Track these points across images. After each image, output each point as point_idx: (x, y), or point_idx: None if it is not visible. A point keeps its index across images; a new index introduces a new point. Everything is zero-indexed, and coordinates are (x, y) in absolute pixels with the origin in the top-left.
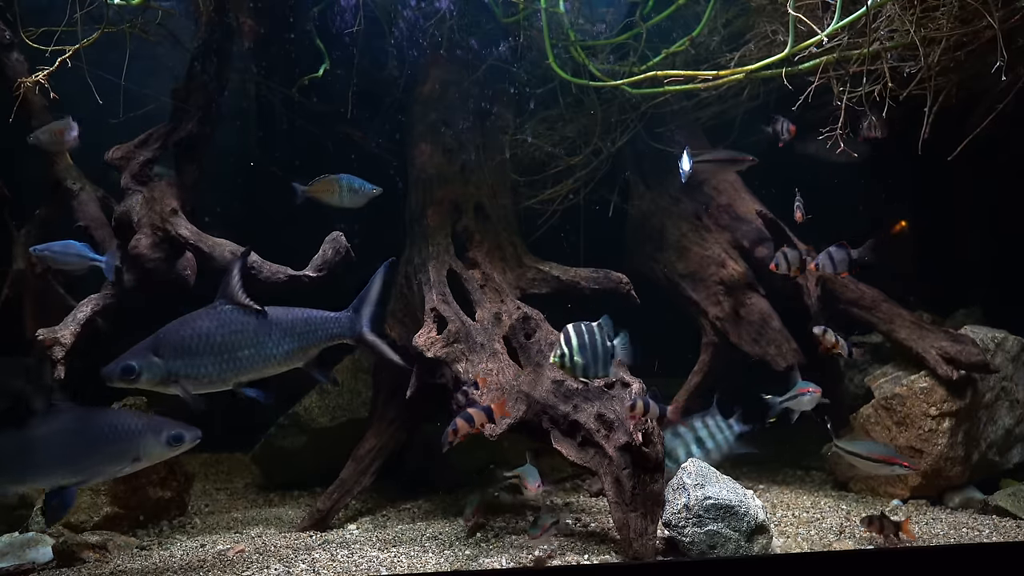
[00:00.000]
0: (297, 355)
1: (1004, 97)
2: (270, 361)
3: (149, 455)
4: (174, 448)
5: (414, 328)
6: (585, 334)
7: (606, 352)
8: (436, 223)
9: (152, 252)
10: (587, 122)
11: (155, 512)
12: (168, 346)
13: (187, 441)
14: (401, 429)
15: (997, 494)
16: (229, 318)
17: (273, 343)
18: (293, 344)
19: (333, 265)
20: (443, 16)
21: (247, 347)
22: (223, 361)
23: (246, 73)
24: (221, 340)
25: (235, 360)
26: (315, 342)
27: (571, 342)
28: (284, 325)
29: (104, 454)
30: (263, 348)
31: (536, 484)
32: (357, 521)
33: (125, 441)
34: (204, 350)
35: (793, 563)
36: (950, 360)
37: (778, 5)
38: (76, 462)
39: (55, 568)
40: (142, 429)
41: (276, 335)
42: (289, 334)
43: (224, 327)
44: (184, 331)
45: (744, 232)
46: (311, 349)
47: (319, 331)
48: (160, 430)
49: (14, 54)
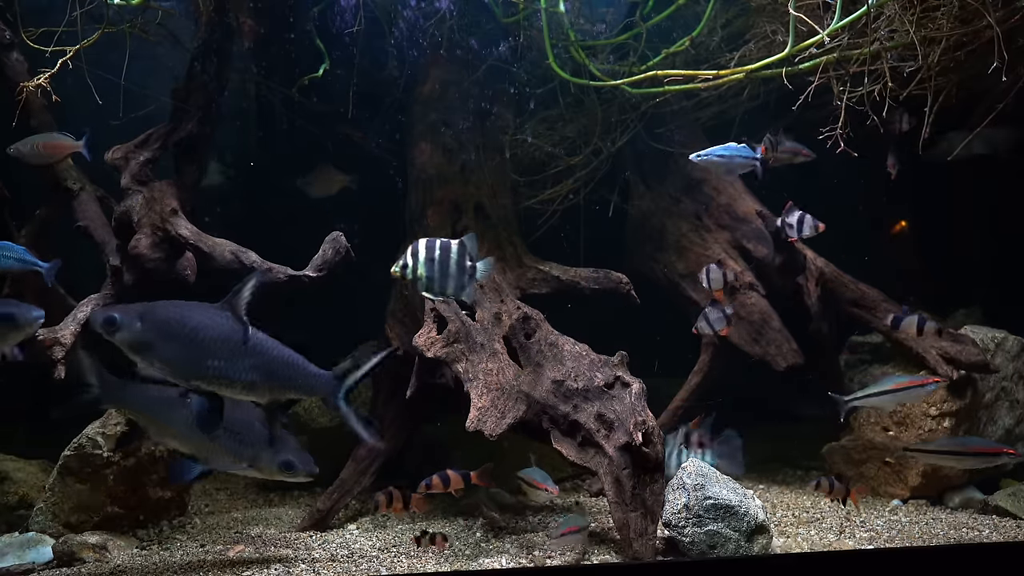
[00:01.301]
0: (260, 391)
1: (1004, 97)
2: (232, 384)
3: (260, 468)
4: (284, 473)
5: (414, 328)
6: (437, 248)
7: (461, 271)
8: (436, 223)
9: (152, 252)
10: (587, 122)
11: (155, 512)
12: (153, 318)
13: (298, 470)
14: (401, 429)
15: (997, 494)
16: (218, 325)
17: (244, 369)
18: (263, 380)
19: (333, 265)
20: (443, 16)
21: (218, 359)
22: (191, 360)
23: (246, 73)
24: (200, 340)
25: (200, 364)
26: (286, 389)
27: (418, 254)
28: (264, 358)
29: (225, 446)
30: (232, 369)
31: (551, 485)
32: (357, 521)
33: (248, 444)
34: (181, 340)
35: (793, 563)
36: (950, 360)
37: (778, 5)
38: (203, 439)
39: (55, 568)
40: (265, 440)
41: (251, 363)
42: (264, 369)
43: (209, 329)
44: (173, 312)
45: (744, 232)
46: (277, 392)
47: (295, 381)
48: (279, 449)
49: (14, 54)
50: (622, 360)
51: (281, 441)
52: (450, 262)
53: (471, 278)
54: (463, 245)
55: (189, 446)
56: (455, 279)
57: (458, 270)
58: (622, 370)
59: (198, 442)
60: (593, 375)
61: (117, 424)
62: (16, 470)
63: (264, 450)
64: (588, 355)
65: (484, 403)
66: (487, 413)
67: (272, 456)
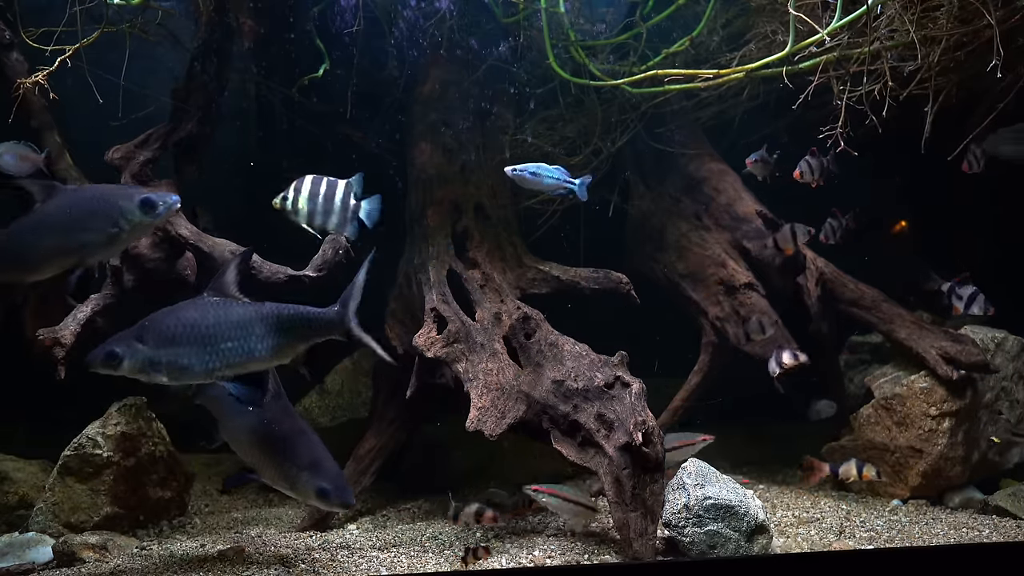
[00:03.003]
0: (284, 351)
1: (1004, 97)
2: (254, 355)
3: (298, 490)
4: (319, 500)
5: (414, 328)
6: (323, 183)
7: (345, 207)
8: (436, 223)
9: (152, 252)
10: (587, 122)
11: (155, 512)
12: (152, 334)
13: (332, 500)
14: (401, 429)
15: (997, 494)
16: (214, 309)
17: (257, 338)
18: (279, 339)
19: (333, 265)
20: (443, 16)
21: (231, 339)
22: (206, 352)
23: (246, 73)
24: (205, 331)
25: (218, 352)
26: (302, 338)
27: (301, 188)
28: (270, 320)
29: (275, 461)
30: (247, 342)
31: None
32: (357, 521)
33: (292, 465)
34: (188, 340)
35: (793, 563)
36: (950, 360)
37: (778, 5)
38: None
39: (55, 568)
40: (307, 463)
41: (261, 330)
42: (275, 329)
43: (209, 318)
44: (169, 320)
45: (744, 232)
46: (298, 345)
47: (306, 326)
48: (318, 473)
49: (14, 54)
50: (622, 360)
51: (322, 465)
52: (335, 199)
53: (355, 216)
54: (349, 185)
55: (241, 452)
56: (338, 216)
57: (342, 207)
58: (622, 370)
59: (249, 450)
60: (593, 375)
61: (117, 424)
62: (16, 470)
63: (303, 472)
64: (588, 355)
65: (484, 403)
66: (487, 413)
67: (309, 479)
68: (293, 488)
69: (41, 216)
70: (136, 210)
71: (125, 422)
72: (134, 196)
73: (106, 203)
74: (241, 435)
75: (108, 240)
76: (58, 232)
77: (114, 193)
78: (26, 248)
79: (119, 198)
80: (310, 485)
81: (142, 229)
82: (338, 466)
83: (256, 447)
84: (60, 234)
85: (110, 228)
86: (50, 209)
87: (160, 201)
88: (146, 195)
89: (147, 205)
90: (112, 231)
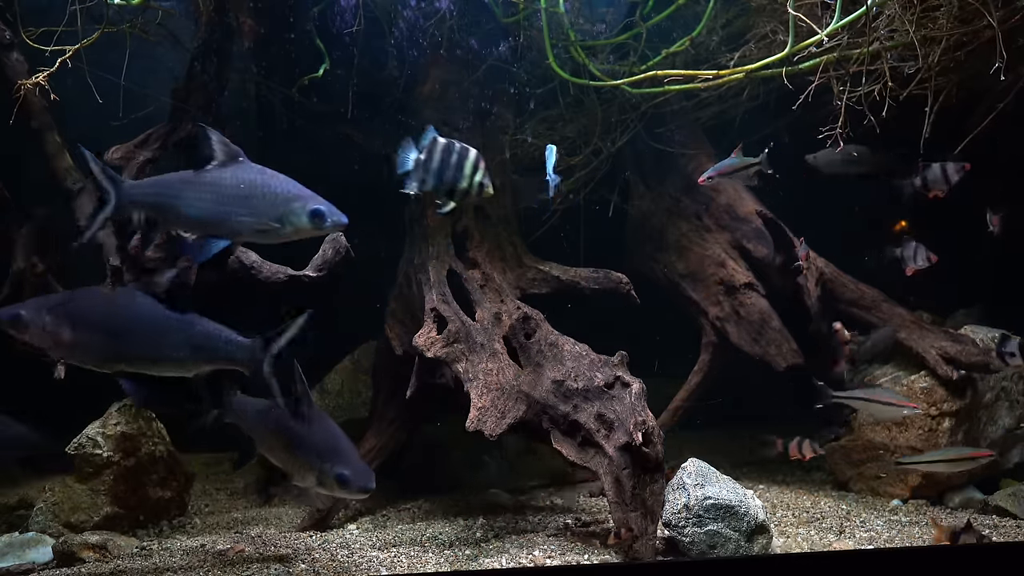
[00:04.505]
0: (188, 366)
1: (1004, 97)
2: (158, 362)
3: (324, 483)
4: (340, 488)
5: (414, 328)
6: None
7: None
8: (436, 223)
9: (152, 252)
10: (587, 122)
11: (155, 512)
12: (61, 309)
13: (352, 486)
14: (401, 429)
15: (997, 494)
16: (133, 306)
17: (166, 346)
18: (185, 354)
19: (333, 265)
20: (443, 16)
21: (138, 340)
22: (110, 345)
23: (246, 73)
24: (115, 324)
25: (122, 349)
26: (208, 359)
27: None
28: (184, 332)
29: (305, 460)
30: (154, 347)
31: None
32: (357, 521)
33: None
34: (96, 327)
35: (793, 563)
36: (950, 360)
37: (778, 5)
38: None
39: (55, 568)
40: (326, 454)
41: (172, 339)
42: (186, 343)
43: (124, 312)
44: (84, 302)
45: (744, 232)
46: (203, 364)
47: (215, 350)
48: (337, 461)
49: (14, 54)
50: (622, 360)
51: (342, 450)
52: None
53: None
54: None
55: (276, 459)
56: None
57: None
58: (622, 370)
59: (284, 457)
60: (593, 375)
61: (117, 424)
62: None
63: (324, 464)
64: (588, 355)
65: (484, 403)
66: (487, 413)
67: (330, 469)
68: (320, 482)
69: (213, 176)
70: (304, 216)
71: (125, 422)
72: (308, 203)
73: (279, 196)
74: (271, 440)
75: (263, 231)
76: (220, 198)
77: (291, 191)
78: (181, 199)
79: (293, 198)
80: (331, 474)
81: (300, 234)
82: (356, 451)
83: (283, 449)
84: (221, 200)
85: (271, 221)
86: (225, 173)
87: (329, 217)
88: (318, 206)
89: (316, 216)
90: (273, 225)
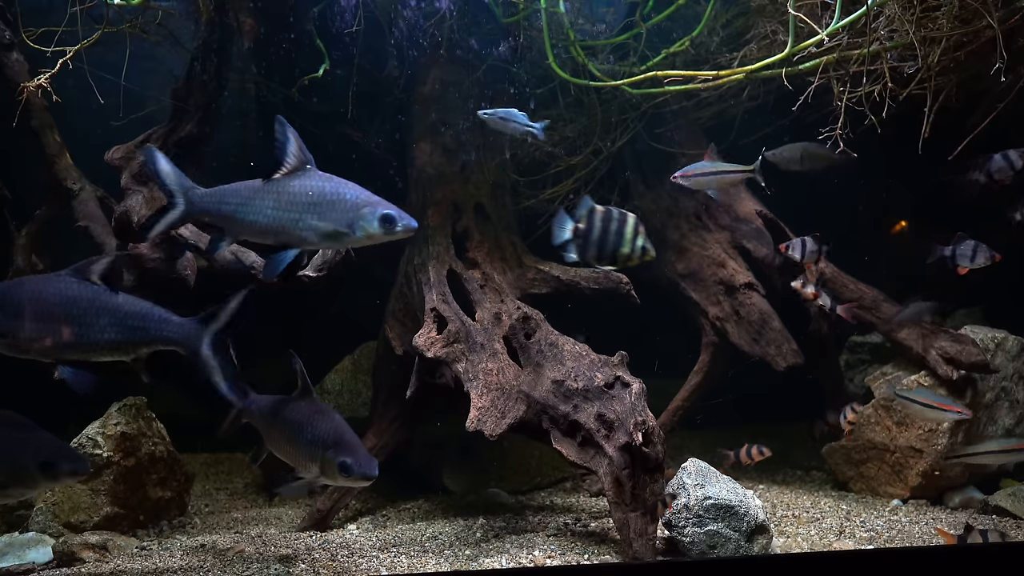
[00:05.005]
0: (124, 348)
1: (1004, 97)
2: (94, 346)
3: (326, 472)
4: (343, 477)
5: (414, 328)
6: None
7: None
8: (436, 223)
9: (152, 252)
10: (587, 122)
11: (155, 512)
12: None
13: (355, 474)
14: (401, 429)
15: (997, 494)
16: (63, 290)
17: (100, 329)
18: (120, 335)
19: (333, 265)
20: (443, 16)
21: (72, 324)
22: (44, 331)
23: (246, 73)
24: (47, 310)
25: (56, 334)
26: (143, 340)
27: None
28: (117, 314)
29: (307, 453)
30: (88, 331)
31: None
32: (357, 521)
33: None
34: (27, 314)
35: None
36: (950, 360)
37: (778, 5)
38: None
39: (55, 568)
40: (327, 443)
41: (105, 321)
42: (119, 324)
43: (54, 297)
44: (14, 290)
45: (744, 232)
46: (140, 347)
47: (150, 330)
48: (340, 451)
49: (14, 54)
50: (622, 360)
51: (345, 440)
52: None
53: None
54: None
55: (281, 452)
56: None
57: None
58: (622, 370)
59: (287, 449)
60: (593, 375)
61: (117, 424)
62: None
63: (327, 452)
64: (588, 355)
65: (484, 403)
66: (487, 413)
67: (333, 456)
68: (323, 471)
69: (281, 185)
70: (374, 222)
71: (125, 422)
72: (377, 208)
73: (349, 203)
74: (276, 433)
75: (333, 236)
76: (289, 205)
77: (360, 197)
78: (249, 207)
79: (363, 204)
80: (333, 463)
81: (371, 240)
82: (359, 439)
83: (287, 440)
84: (290, 208)
85: (342, 227)
86: (293, 182)
87: (400, 222)
88: (388, 211)
89: (386, 221)
90: (343, 230)
